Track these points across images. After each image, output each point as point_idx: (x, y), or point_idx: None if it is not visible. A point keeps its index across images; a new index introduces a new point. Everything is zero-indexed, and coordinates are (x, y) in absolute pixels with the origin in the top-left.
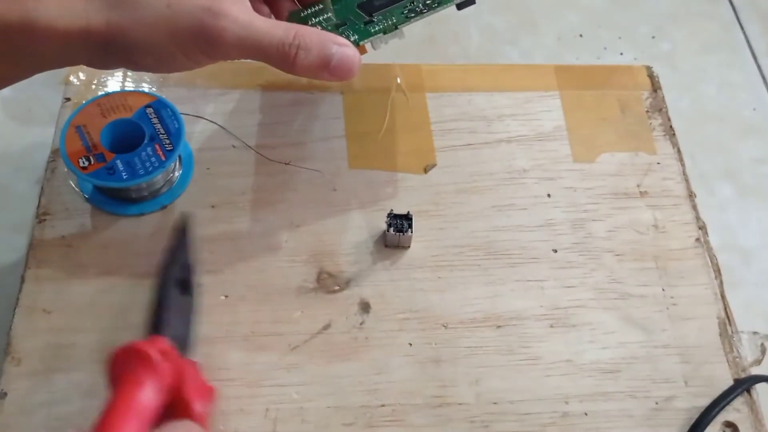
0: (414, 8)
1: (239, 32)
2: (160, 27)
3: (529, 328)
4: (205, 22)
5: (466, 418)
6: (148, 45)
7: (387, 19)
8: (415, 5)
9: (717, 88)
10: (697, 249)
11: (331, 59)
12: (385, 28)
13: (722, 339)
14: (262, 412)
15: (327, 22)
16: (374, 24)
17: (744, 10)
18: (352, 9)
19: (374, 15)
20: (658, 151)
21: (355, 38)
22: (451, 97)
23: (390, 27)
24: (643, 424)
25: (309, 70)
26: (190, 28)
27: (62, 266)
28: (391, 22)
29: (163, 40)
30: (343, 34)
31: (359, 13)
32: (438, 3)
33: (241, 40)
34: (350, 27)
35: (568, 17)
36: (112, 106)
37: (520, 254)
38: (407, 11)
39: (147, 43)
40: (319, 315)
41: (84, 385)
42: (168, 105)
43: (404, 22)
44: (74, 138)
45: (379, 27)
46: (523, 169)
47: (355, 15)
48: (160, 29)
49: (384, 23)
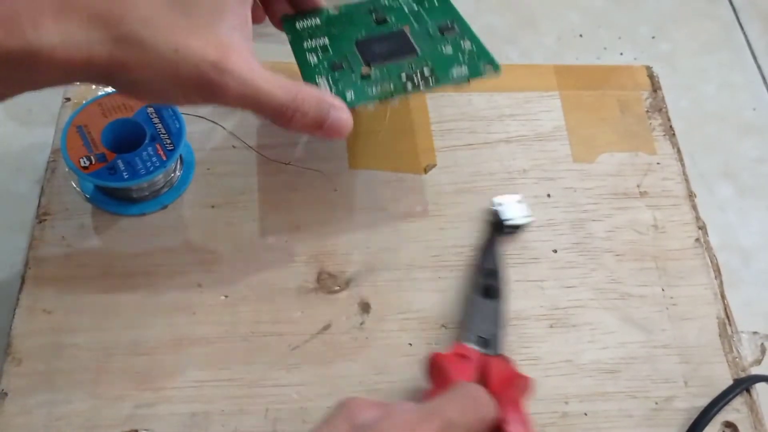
0: (412, 76)
1: (242, 90)
2: (164, 71)
3: (529, 328)
4: (210, 77)
5: None
6: (151, 85)
7: (384, 81)
8: (414, 71)
9: (717, 88)
10: (696, 249)
11: (326, 121)
12: (382, 94)
13: (722, 339)
14: (262, 412)
15: (323, 54)
16: (371, 82)
17: (744, 10)
18: (350, 45)
19: (372, 66)
20: (658, 151)
21: (351, 98)
22: (451, 97)
23: (387, 93)
24: (642, 424)
25: (302, 129)
26: (195, 79)
27: (62, 266)
28: (388, 88)
29: (166, 84)
30: (339, 84)
31: (356, 55)
32: (437, 80)
33: (243, 98)
34: (346, 74)
35: (568, 17)
36: (113, 106)
37: (519, 254)
38: (405, 78)
39: (149, 82)
40: (320, 315)
41: (84, 385)
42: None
43: (401, 93)
44: (75, 138)
45: (375, 90)
46: (523, 169)
47: (351, 54)
48: (165, 73)
49: (381, 86)
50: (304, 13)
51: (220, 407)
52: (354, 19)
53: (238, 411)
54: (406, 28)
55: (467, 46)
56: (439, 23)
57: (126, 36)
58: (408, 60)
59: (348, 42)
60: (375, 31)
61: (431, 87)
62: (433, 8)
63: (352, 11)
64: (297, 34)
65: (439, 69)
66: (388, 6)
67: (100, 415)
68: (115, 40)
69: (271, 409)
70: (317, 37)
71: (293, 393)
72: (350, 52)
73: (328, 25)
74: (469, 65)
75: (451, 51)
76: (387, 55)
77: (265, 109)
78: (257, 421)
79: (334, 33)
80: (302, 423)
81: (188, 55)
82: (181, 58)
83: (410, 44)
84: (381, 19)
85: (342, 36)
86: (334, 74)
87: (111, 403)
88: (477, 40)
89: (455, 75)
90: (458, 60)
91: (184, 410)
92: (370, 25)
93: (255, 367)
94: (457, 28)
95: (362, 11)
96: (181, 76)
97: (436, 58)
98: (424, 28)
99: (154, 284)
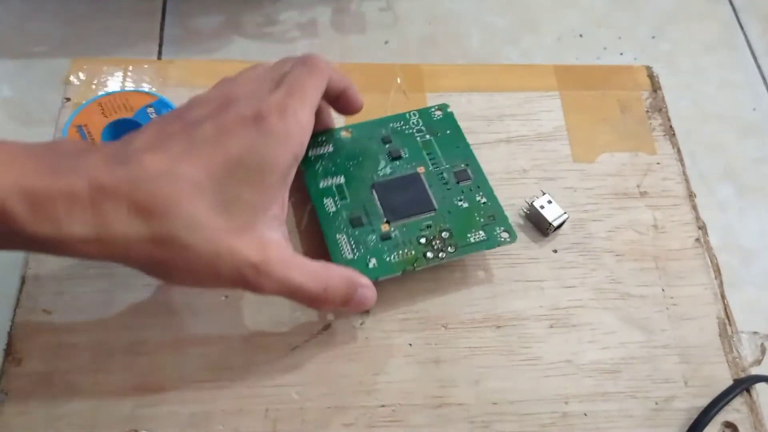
0: (431, 241)
1: (276, 288)
2: (205, 272)
3: (529, 328)
4: (248, 277)
5: (466, 418)
6: (187, 281)
7: (405, 246)
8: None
9: (717, 88)
10: (696, 249)
11: (353, 299)
12: (404, 265)
13: (722, 339)
14: (262, 412)
15: (341, 199)
16: (392, 246)
17: (744, 10)
18: (366, 189)
19: (391, 224)
20: (658, 152)
21: (374, 268)
22: (451, 97)
23: (409, 263)
24: (642, 425)
25: (330, 309)
26: (232, 277)
27: (62, 266)
28: (409, 256)
29: (203, 280)
30: (361, 247)
31: (374, 204)
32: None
33: (275, 292)
34: (366, 232)
35: (568, 17)
36: (114, 106)
37: (519, 254)
38: (425, 243)
39: (186, 279)
40: (319, 315)
41: (84, 385)
42: (169, 105)
43: (423, 264)
44: (75, 138)
45: (396, 258)
46: (523, 169)
47: (369, 204)
48: (205, 273)
49: (401, 253)
50: (314, 135)
51: (220, 407)
52: (368, 151)
53: (238, 411)
54: (421, 169)
55: (482, 200)
56: (454, 166)
57: (169, 238)
58: (426, 217)
59: (364, 185)
60: (390, 169)
61: (451, 258)
62: (446, 141)
63: (364, 137)
64: (310, 164)
65: (457, 234)
66: (399, 130)
67: (100, 415)
68: (157, 241)
69: (271, 409)
70: (331, 173)
71: (293, 393)
72: (368, 200)
73: (341, 155)
74: (486, 230)
75: (467, 205)
76: (405, 210)
77: (298, 300)
78: (257, 421)
79: (350, 168)
80: (302, 423)
81: (230, 260)
82: (223, 262)
83: (428, 197)
84: (396, 154)
85: (357, 175)
86: (354, 232)
87: (111, 403)
88: (490, 190)
89: (473, 241)
90: (475, 223)
91: (184, 410)
92: (385, 162)
93: (255, 367)
94: (471, 173)
95: (375, 138)
96: (221, 276)
97: (453, 219)
98: (438, 171)
99: (154, 284)
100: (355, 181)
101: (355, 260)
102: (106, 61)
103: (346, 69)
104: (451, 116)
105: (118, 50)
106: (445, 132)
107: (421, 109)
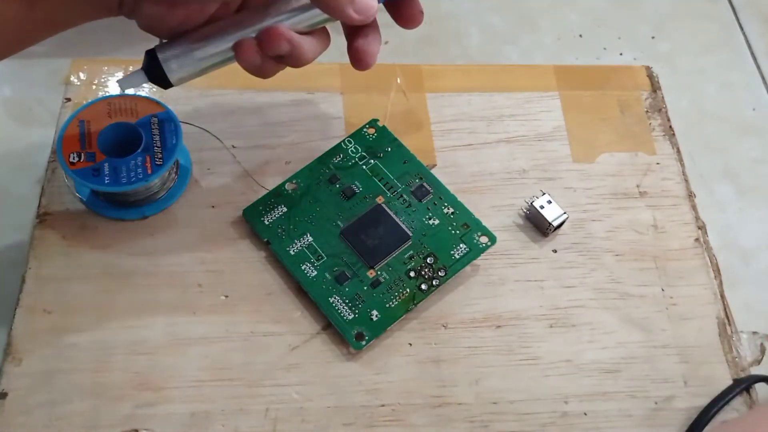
0: (420, 271)
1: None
2: None
3: (529, 328)
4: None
5: (465, 418)
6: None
7: (396, 285)
8: (418, 265)
9: (717, 88)
10: (696, 249)
11: None
12: (404, 306)
13: (721, 339)
14: (262, 412)
15: (317, 260)
16: (385, 289)
17: (744, 10)
18: (337, 241)
19: (375, 268)
20: (658, 152)
21: (380, 320)
22: (451, 97)
23: (407, 302)
24: (642, 424)
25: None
26: None
27: (62, 266)
28: (405, 294)
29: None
30: (359, 304)
31: (351, 252)
32: (446, 272)
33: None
34: (356, 285)
35: (568, 17)
36: (121, 108)
37: (519, 254)
38: (415, 276)
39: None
40: (319, 315)
41: (84, 385)
42: (173, 119)
43: (422, 298)
44: (74, 131)
45: (394, 302)
46: (523, 169)
47: (347, 254)
48: None
49: (397, 292)
50: (262, 198)
51: (220, 407)
52: (321, 198)
53: (238, 411)
54: (380, 199)
55: (450, 211)
56: (410, 185)
57: None
58: (405, 248)
59: (332, 235)
60: (349, 210)
61: (445, 281)
62: (391, 159)
63: (311, 184)
64: (272, 232)
65: (442, 256)
66: (342, 165)
67: (100, 415)
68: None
69: (271, 409)
70: (296, 236)
71: (293, 393)
72: (342, 250)
73: (296, 212)
74: (465, 241)
75: (438, 222)
76: (382, 249)
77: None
78: (257, 421)
79: (311, 223)
80: (302, 423)
81: None
82: None
83: (398, 227)
84: (350, 192)
85: (322, 227)
86: (344, 288)
87: (111, 403)
88: (452, 198)
89: (458, 257)
90: (452, 237)
91: (184, 410)
92: (341, 203)
93: (255, 367)
94: (428, 186)
95: (322, 181)
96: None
97: (431, 240)
98: (397, 195)
99: (154, 284)
100: (323, 235)
101: (358, 318)
102: (106, 61)
103: (345, 69)
104: (384, 130)
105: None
106: (386, 150)
107: (353, 133)
